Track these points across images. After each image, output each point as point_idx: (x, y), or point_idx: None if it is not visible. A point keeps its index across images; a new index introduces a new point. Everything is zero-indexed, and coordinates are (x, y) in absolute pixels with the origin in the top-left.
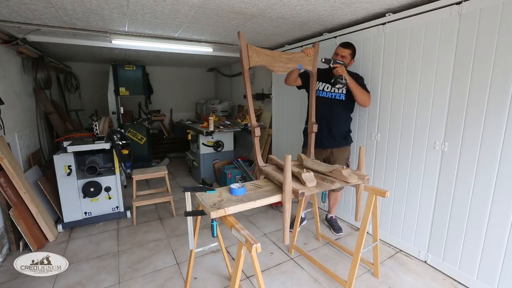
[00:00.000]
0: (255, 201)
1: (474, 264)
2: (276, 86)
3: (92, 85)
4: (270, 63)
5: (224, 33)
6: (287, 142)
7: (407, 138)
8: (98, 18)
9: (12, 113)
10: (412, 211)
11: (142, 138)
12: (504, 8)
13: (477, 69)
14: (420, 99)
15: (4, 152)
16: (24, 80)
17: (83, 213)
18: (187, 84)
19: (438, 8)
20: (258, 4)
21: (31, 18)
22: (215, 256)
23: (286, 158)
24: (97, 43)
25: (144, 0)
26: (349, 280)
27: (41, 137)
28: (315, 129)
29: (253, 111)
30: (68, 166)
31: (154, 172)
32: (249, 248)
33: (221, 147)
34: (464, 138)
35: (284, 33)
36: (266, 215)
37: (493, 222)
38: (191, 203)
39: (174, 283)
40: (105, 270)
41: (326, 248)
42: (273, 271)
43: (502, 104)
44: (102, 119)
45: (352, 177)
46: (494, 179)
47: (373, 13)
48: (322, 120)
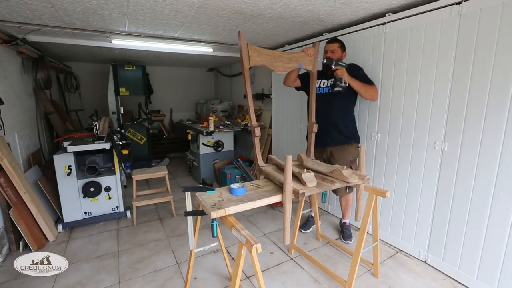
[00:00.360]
0: (255, 201)
1: (474, 264)
2: (276, 86)
3: (92, 85)
4: (270, 62)
5: (224, 33)
6: (287, 142)
7: (407, 138)
8: (98, 18)
9: (12, 113)
10: (412, 211)
11: (142, 138)
12: (504, 8)
13: (477, 69)
14: (420, 99)
15: (4, 152)
16: (24, 80)
17: (83, 213)
18: (187, 84)
19: (438, 8)
20: (258, 4)
21: (31, 18)
22: (215, 256)
23: (287, 158)
24: (97, 43)
25: (144, 0)
26: (349, 280)
27: (41, 137)
28: (315, 129)
29: (253, 111)
30: (68, 166)
31: (154, 172)
32: (249, 248)
33: (221, 147)
34: (464, 138)
35: (284, 33)
36: (266, 215)
37: (493, 222)
38: (191, 203)
39: (174, 283)
40: (105, 270)
41: (326, 248)
42: (273, 271)
43: (502, 104)
44: (102, 119)
45: (353, 177)
46: (494, 179)
47: (373, 13)
48: (321, 115)
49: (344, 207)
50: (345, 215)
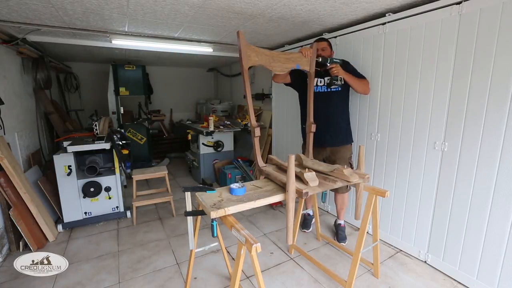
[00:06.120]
0: (255, 201)
1: (474, 264)
2: (276, 86)
3: (92, 85)
4: (268, 62)
5: (224, 33)
6: (287, 142)
7: (407, 138)
8: (98, 18)
9: (12, 113)
10: (412, 211)
11: (142, 138)
12: (504, 8)
13: (477, 69)
14: (420, 99)
15: (4, 152)
16: (24, 80)
17: (83, 213)
18: (187, 84)
19: (438, 8)
20: (258, 4)
21: (31, 18)
22: (215, 256)
23: (290, 158)
24: (97, 43)
25: (144, 0)
26: (349, 280)
27: (41, 137)
28: (313, 129)
29: (253, 111)
30: (68, 166)
31: (154, 172)
32: (249, 248)
33: (221, 147)
34: (464, 138)
35: (284, 33)
36: (266, 215)
37: (493, 222)
38: (191, 203)
39: (174, 283)
40: (105, 270)
41: (326, 248)
42: (273, 271)
43: (502, 103)
44: (102, 119)
45: (353, 176)
46: (494, 179)
47: (373, 13)
48: (320, 115)
49: (340, 206)
50: (340, 216)
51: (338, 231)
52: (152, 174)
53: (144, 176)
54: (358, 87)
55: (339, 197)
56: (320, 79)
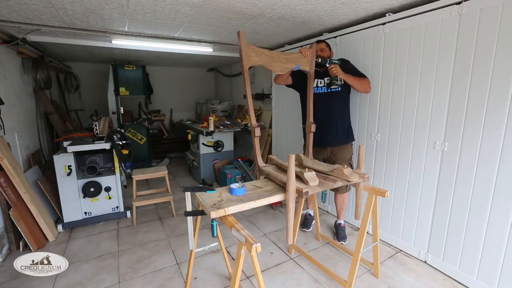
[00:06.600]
0: (255, 201)
1: (474, 264)
2: (276, 86)
3: (92, 85)
4: (269, 63)
5: (224, 33)
6: (287, 142)
7: (407, 138)
8: (98, 18)
9: (12, 113)
10: (412, 211)
11: (142, 138)
12: (504, 8)
13: (477, 69)
14: (420, 99)
15: (4, 152)
16: (24, 80)
17: (83, 213)
18: (187, 84)
19: (438, 8)
20: (258, 4)
21: (31, 18)
22: (215, 256)
23: (290, 157)
24: (97, 43)
25: (144, 0)
26: (349, 280)
27: (41, 137)
28: (313, 129)
29: (253, 111)
30: (68, 166)
31: (154, 172)
32: (249, 248)
33: (221, 147)
34: (464, 138)
35: (284, 33)
36: (266, 215)
37: (493, 221)
38: (191, 203)
39: (174, 283)
40: (105, 270)
41: (326, 248)
42: (273, 271)
43: (502, 103)
44: (102, 119)
45: (353, 176)
46: (494, 179)
47: (373, 13)
48: (321, 116)
49: (339, 206)
50: (340, 215)
51: (338, 230)
52: (152, 174)
53: (144, 176)
54: (358, 86)
55: (339, 197)
56: (320, 80)
